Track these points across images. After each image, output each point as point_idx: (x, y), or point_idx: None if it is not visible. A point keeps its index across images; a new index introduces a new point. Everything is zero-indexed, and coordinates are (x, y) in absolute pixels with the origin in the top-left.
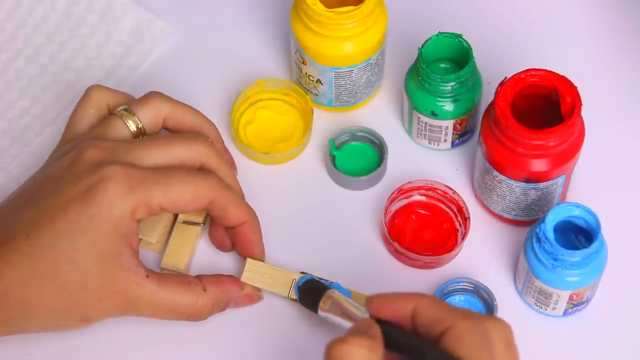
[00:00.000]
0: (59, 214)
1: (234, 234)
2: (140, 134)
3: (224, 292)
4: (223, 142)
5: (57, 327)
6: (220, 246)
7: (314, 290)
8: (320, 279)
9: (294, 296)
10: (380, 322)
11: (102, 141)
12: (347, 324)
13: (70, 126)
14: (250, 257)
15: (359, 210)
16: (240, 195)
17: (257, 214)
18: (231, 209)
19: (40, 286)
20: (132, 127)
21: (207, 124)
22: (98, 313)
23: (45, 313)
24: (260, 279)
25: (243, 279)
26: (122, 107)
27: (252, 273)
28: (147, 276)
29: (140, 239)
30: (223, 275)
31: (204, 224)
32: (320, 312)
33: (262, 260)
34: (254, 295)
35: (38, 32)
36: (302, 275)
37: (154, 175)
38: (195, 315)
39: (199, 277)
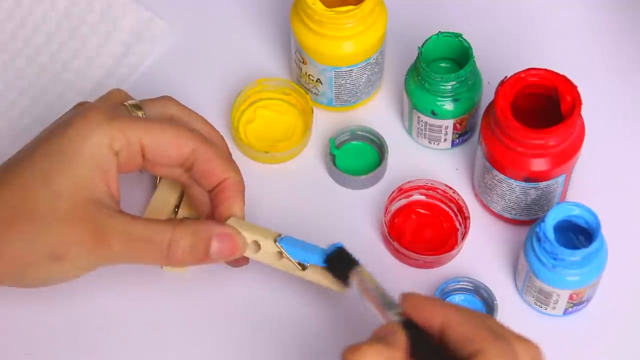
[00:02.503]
0: (39, 142)
1: (217, 193)
2: None
3: (203, 227)
4: (230, 154)
5: (25, 262)
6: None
7: (347, 261)
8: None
9: (279, 247)
10: (410, 324)
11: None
12: (374, 309)
13: None
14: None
15: (359, 209)
16: (226, 152)
17: (257, 214)
18: (215, 162)
19: (13, 210)
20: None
21: (215, 134)
22: (67, 245)
23: (14, 238)
24: (243, 228)
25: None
26: (132, 101)
27: (236, 223)
28: (120, 211)
29: None
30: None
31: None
32: (350, 288)
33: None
34: (236, 238)
35: (38, 32)
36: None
37: (137, 118)
38: (173, 251)
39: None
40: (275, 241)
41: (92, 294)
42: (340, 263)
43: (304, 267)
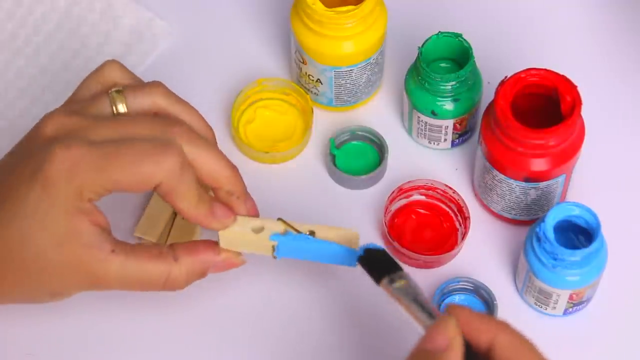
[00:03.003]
0: (10, 194)
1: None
2: None
3: (199, 260)
4: (216, 144)
5: (28, 301)
6: None
7: (386, 262)
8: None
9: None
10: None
11: (70, 115)
12: (408, 316)
13: (74, 94)
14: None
15: (359, 209)
16: (213, 142)
17: (255, 202)
18: (174, 199)
19: (1, 263)
20: (120, 110)
21: (203, 125)
22: (66, 288)
23: (11, 289)
24: (239, 243)
25: (221, 245)
26: (116, 89)
27: (229, 237)
28: (113, 251)
29: (141, 238)
30: (198, 241)
31: None
32: (386, 288)
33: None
34: (234, 260)
35: (38, 31)
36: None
37: (103, 154)
38: (170, 286)
39: (172, 246)
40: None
41: (92, 295)
42: (380, 262)
43: (313, 233)
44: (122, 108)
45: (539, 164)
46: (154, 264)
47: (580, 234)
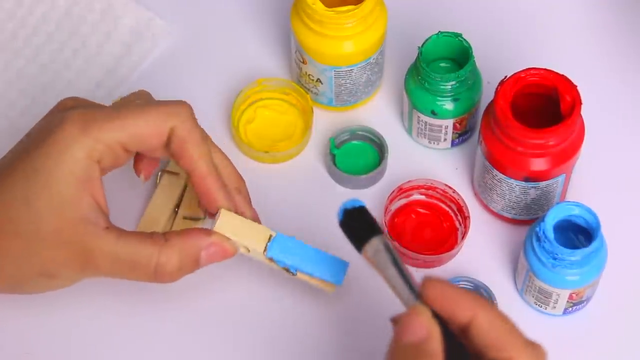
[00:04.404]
0: (19, 158)
1: (193, 184)
2: None
3: (189, 243)
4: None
5: (18, 280)
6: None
7: (367, 226)
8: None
9: (268, 256)
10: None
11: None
12: (386, 283)
13: None
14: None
15: None
16: (207, 142)
17: (257, 213)
18: (188, 145)
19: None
20: None
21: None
22: (56, 266)
23: (2, 258)
24: (236, 228)
25: (217, 226)
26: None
27: (226, 223)
28: (107, 228)
29: None
30: (190, 228)
31: (204, 218)
32: (364, 254)
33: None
34: (225, 244)
35: (38, 31)
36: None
37: (111, 115)
38: (161, 271)
39: (164, 233)
40: (264, 251)
41: (90, 293)
42: (360, 224)
43: (292, 274)
44: None
45: (538, 164)
46: (145, 245)
47: (580, 234)
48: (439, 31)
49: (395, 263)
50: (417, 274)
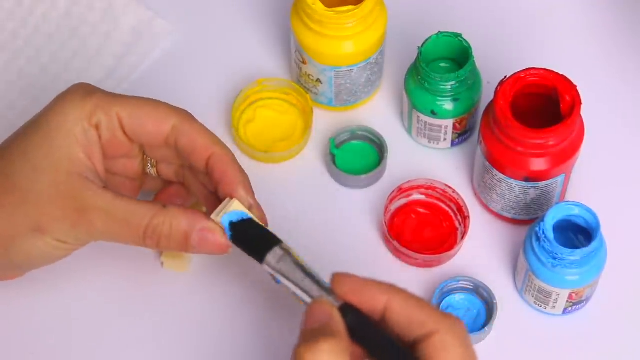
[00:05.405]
0: (25, 124)
1: (210, 174)
2: None
3: (186, 217)
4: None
5: (8, 238)
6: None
7: (262, 236)
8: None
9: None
10: (347, 308)
11: None
12: (294, 289)
13: None
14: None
15: (359, 209)
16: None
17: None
18: (197, 137)
19: None
20: None
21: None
22: (49, 220)
23: None
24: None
25: (213, 216)
26: None
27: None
28: (104, 187)
29: None
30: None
31: None
32: (266, 267)
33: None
34: (218, 234)
35: (39, 31)
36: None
37: (116, 94)
38: (150, 234)
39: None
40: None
41: (89, 292)
42: (254, 236)
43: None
44: None
45: (538, 164)
46: (141, 206)
47: (579, 234)
48: (439, 31)
49: (299, 266)
50: (417, 273)
